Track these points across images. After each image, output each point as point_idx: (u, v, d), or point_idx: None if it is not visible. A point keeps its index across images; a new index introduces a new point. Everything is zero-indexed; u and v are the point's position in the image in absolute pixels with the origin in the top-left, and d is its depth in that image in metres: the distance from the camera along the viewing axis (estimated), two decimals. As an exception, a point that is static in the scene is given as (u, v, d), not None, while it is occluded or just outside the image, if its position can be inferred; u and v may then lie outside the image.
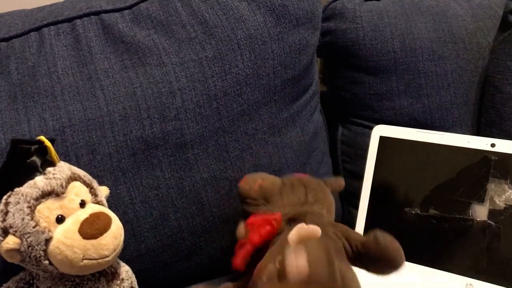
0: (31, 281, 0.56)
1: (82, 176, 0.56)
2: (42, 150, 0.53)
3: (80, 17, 0.70)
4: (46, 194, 0.51)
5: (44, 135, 0.54)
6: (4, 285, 0.57)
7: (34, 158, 0.52)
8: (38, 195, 0.51)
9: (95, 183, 0.57)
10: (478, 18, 0.87)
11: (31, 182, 0.51)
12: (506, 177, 0.65)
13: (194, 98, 0.68)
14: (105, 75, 0.67)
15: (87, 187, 0.56)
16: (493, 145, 0.66)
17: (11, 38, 0.68)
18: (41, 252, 0.50)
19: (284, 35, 0.73)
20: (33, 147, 0.52)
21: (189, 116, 0.68)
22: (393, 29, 0.84)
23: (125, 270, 0.60)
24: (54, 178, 0.52)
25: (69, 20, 0.70)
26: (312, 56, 0.79)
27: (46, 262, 0.51)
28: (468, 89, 0.85)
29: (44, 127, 0.63)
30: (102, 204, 0.57)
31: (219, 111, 0.69)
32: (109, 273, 0.58)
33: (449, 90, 0.84)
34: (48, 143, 0.53)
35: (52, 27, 0.69)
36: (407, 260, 0.65)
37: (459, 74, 0.84)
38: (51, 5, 0.74)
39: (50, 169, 0.53)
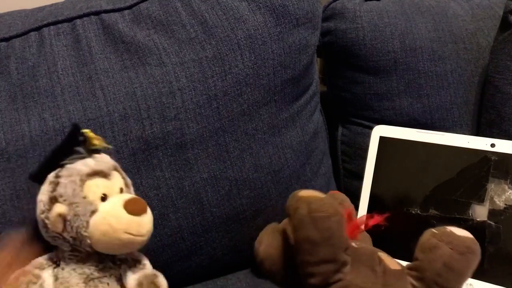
0: (57, 262, 0.58)
1: (121, 170, 0.61)
2: (85, 142, 0.58)
3: (80, 17, 0.70)
4: (96, 173, 0.56)
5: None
6: (36, 259, 0.58)
7: (81, 146, 0.57)
8: (89, 172, 0.56)
9: (128, 180, 0.62)
10: (478, 18, 0.87)
11: (82, 161, 0.57)
12: (506, 177, 0.65)
13: (194, 98, 0.68)
14: (105, 75, 0.67)
15: (123, 179, 0.60)
16: (493, 145, 0.66)
17: (11, 38, 0.68)
18: (85, 222, 0.54)
19: (284, 35, 0.73)
20: (81, 138, 0.57)
21: (189, 116, 0.68)
22: (393, 29, 0.84)
23: (145, 258, 0.62)
24: (102, 161, 0.58)
25: (69, 20, 0.70)
26: (312, 56, 0.79)
27: (86, 234, 0.54)
28: (468, 89, 0.85)
29: (44, 127, 0.63)
30: None
31: (219, 111, 0.69)
32: (130, 260, 0.60)
33: (449, 90, 0.84)
34: (92, 135, 0.58)
35: (52, 27, 0.69)
36: (407, 260, 0.65)
37: (459, 74, 0.84)
38: (51, 5, 0.74)
39: (97, 155, 0.58)
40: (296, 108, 0.77)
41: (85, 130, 0.57)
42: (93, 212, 0.54)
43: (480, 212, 0.65)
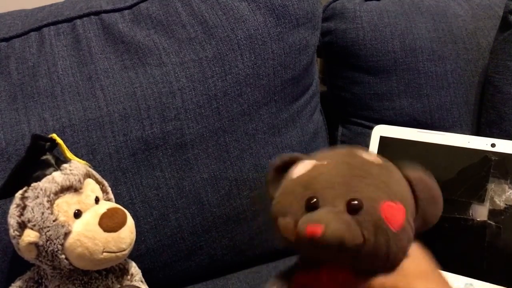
0: (39, 280, 0.57)
1: (95, 174, 0.58)
2: (52, 148, 0.54)
3: (80, 17, 0.70)
4: (65, 189, 0.52)
5: (45, 135, 0.55)
6: (13, 284, 0.57)
7: (48, 154, 0.54)
8: (57, 189, 0.52)
9: (105, 181, 0.59)
10: (478, 18, 0.87)
11: (49, 177, 0.52)
12: (506, 177, 0.64)
13: (194, 98, 0.68)
14: (105, 75, 0.67)
15: (98, 184, 0.57)
16: (493, 145, 0.66)
17: (11, 38, 0.68)
18: (59, 246, 0.51)
19: (284, 35, 0.73)
20: (46, 144, 0.54)
21: (189, 116, 0.68)
22: (393, 29, 0.84)
23: (133, 266, 0.62)
24: (71, 173, 0.53)
25: (69, 20, 0.70)
26: (312, 56, 0.79)
27: (63, 256, 0.51)
28: (468, 89, 0.85)
29: (44, 127, 0.63)
30: (112, 201, 0.59)
31: (219, 111, 0.69)
32: (118, 270, 0.59)
33: (449, 90, 0.84)
34: (60, 141, 0.55)
35: (52, 27, 0.69)
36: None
37: (459, 74, 0.84)
38: (51, 5, 0.74)
39: (66, 165, 0.54)
40: (296, 108, 0.77)
41: (53, 136, 0.55)
42: (67, 234, 0.51)
43: (480, 212, 0.65)
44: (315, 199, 0.45)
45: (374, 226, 0.43)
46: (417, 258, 0.48)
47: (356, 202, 0.43)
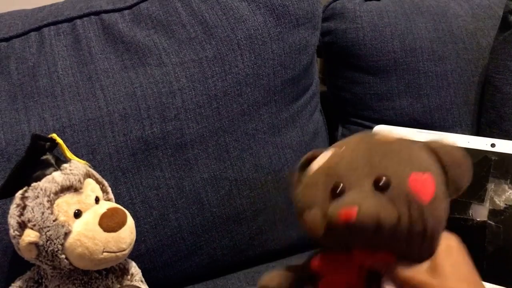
0: (39, 280, 0.57)
1: (95, 174, 0.58)
2: (52, 148, 0.55)
3: (80, 17, 0.70)
4: (65, 189, 0.52)
5: (45, 135, 0.55)
6: (13, 284, 0.57)
7: (48, 154, 0.54)
8: (57, 189, 0.52)
9: (105, 181, 0.59)
10: (478, 18, 0.87)
11: (49, 177, 0.52)
12: (506, 177, 0.64)
13: (194, 98, 0.68)
14: (105, 75, 0.67)
15: (99, 184, 0.57)
16: (493, 145, 0.66)
17: (11, 38, 0.68)
18: (59, 246, 0.51)
19: (284, 35, 0.73)
20: (46, 144, 0.54)
21: (189, 116, 0.68)
22: (393, 29, 0.84)
23: (133, 265, 0.62)
24: (71, 173, 0.53)
25: (69, 20, 0.70)
26: (312, 56, 0.79)
27: (63, 256, 0.52)
28: (468, 89, 0.85)
29: (44, 127, 0.63)
30: (112, 201, 0.59)
31: (219, 111, 0.69)
32: (118, 270, 0.59)
33: (449, 90, 0.84)
34: (60, 141, 0.55)
35: (52, 27, 0.69)
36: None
37: (459, 74, 0.84)
38: (51, 5, 0.74)
39: (66, 165, 0.54)
40: (296, 108, 0.77)
41: (53, 135, 0.55)
42: (67, 234, 0.51)
43: (480, 212, 0.65)
44: (341, 185, 0.43)
45: (406, 201, 0.42)
46: (455, 257, 0.46)
47: (383, 179, 0.42)
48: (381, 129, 0.73)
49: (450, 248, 0.46)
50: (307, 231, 0.45)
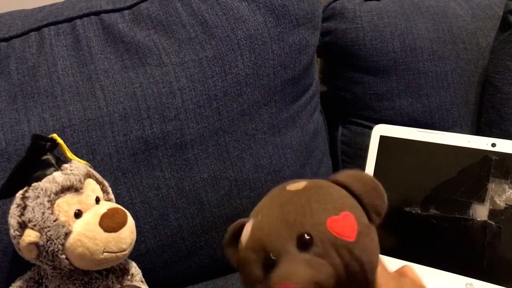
0: (40, 280, 0.57)
1: (95, 174, 0.58)
2: (53, 148, 0.54)
3: (80, 17, 0.70)
4: (65, 189, 0.52)
5: (45, 135, 0.55)
6: (13, 284, 0.57)
7: (48, 155, 0.54)
8: (58, 189, 0.52)
9: (105, 181, 0.59)
10: (478, 18, 0.87)
11: (49, 177, 0.52)
12: (507, 177, 0.64)
13: (194, 98, 0.68)
14: (105, 75, 0.67)
15: (99, 184, 0.57)
16: (493, 144, 0.66)
17: (11, 38, 0.68)
18: (60, 246, 0.51)
19: (284, 35, 0.73)
20: (47, 144, 0.53)
21: (189, 116, 0.68)
22: (393, 29, 0.84)
23: (133, 266, 0.62)
24: (72, 173, 0.53)
25: (69, 20, 0.70)
26: (312, 56, 0.79)
27: (63, 256, 0.51)
28: (468, 89, 0.85)
29: (44, 127, 0.63)
30: (112, 201, 0.59)
31: (219, 111, 0.69)
32: (118, 270, 0.59)
33: (449, 90, 0.84)
34: (60, 141, 0.55)
35: (52, 27, 0.69)
36: (407, 260, 0.65)
37: (459, 74, 0.84)
38: (51, 5, 0.74)
39: (66, 165, 0.54)
40: (296, 108, 0.77)
41: (54, 135, 0.55)
42: (67, 234, 0.51)
43: (480, 212, 0.65)
44: (271, 258, 0.43)
45: (333, 248, 0.42)
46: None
47: (305, 236, 0.42)
48: (381, 129, 0.73)
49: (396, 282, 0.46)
50: None
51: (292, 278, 0.40)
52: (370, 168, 0.73)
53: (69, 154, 0.56)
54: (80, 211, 0.53)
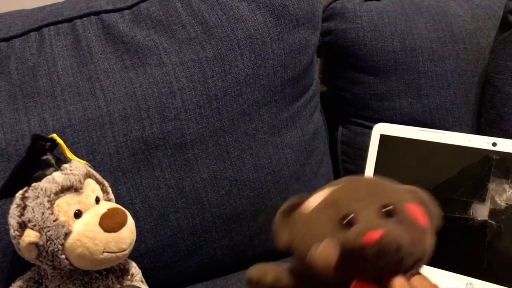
0: (40, 280, 0.57)
1: (95, 174, 0.58)
2: (53, 148, 0.55)
3: (80, 17, 0.70)
4: (65, 189, 0.52)
5: (45, 135, 0.55)
6: (13, 284, 0.57)
7: (48, 155, 0.54)
8: (57, 189, 0.52)
9: (105, 181, 0.59)
10: (478, 18, 0.87)
11: (49, 177, 0.52)
12: (507, 176, 0.64)
13: (194, 98, 0.68)
14: (105, 75, 0.67)
15: (99, 184, 0.57)
16: (494, 144, 0.66)
17: (11, 38, 0.68)
18: (59, 246, 0.51)
19: (284, 35, 0.73)
20: (47, 144, 0.54)
21: (189, 116, 0.68)
22: (393, 29, 0.84)
23: (133, 266, 0.62)
24: (72, 174, 0.53)
25: (69, 20, 0.70)
26: (312, 56, 0.79)
27: (63, 256, 0.51)
28: (468, 89, 0.85)
29: (44, 127, 0.63)
30: (112, 201, 0.59)
31: (219, 111, 0.69)
32: (118, 270, 0.59)
33: (449, 90, 0.84)
34: (60, 141, 0.55)
35: (52, 27, 0.69)
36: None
37: (459, 74, 0.84)
38: (51, 5, 0.74)
39: (66, 165, 0.54)
40: (296, 108, 0.77)
41: (53, 136, 0.55)
42: (67, 234, 0.51)
43: (481, 212, 0.65)
44: (352, 214, 0.44)
45: (408, 225, 0.44)
46: None
47: (390, 206, 0.44)
48: (381, 128, 0.73)
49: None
50: (312, 267, 0.44)
51: (382, 229, 0.41)
52: (370, 167, 0.73)
53: (68, 154, 0.56)
54: (80, 211, 0.53)
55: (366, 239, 0.41)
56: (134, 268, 0.62)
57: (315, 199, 0.48)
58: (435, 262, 0.65)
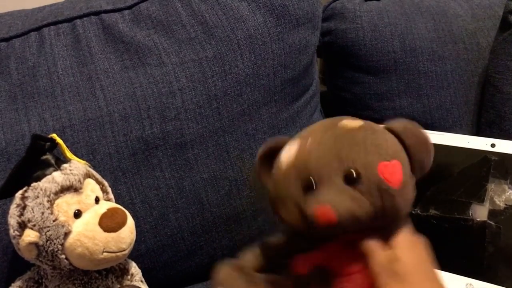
0: (39, 280, 0.57)
1: (95, 174, 0.58)
2: (52, 148, 0.54)
3: (80, 17, 0.70)
4: (65, 189, 0.52)
5: (45, 135, 0.55)
6: (13, 284, 0.57)
7: (48, 155, 0.54)
8: (57, 189, 0.52)
9: (105, 181, 0.59)
10: (478, 18, 0.87)
11: (49, 177, 0.52)
12: (506, 177, 0.64)
13: (194, 98, 0.68)
14: (105, 75, 0.67)
15: (99, 184, 0.57)
16: (493, 145, 0.66)
17: (11, 38, 0.68)
18: (59, 246, 0.51)
19: (284, 35, 0.73)
20: (46, 144, 0.54)
21: (189, 116, 0.68)
22: (393, 29, 0.84)
23: (133, 266, 0.62)
24: (71, 173, 0.53)
25: (69, 20, 0.70)
26: (312, 56, 0.79)
27: (63, 256, 0.51)
28: (468, 89, 0.85)
29: (44, 127, 0.63)
30: (112, 201, 0.59)
31: (219, 111, 0.69)
32: (118, 270, 0.59)
33: (449, 90, 0.84)
34: (60, 141, 0.55)
35: (52, 27, 0.69)
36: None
37: (459, 74, 0.84)
38: (51, 5, 0.74)
39: (65, 165, 0.54)
40: (296, 108, 0.77)
41: (53, 135, 0.55)
42: (67, 234, 0.51)
43: (480, 212, 0.65)
44: (313, 182, 0.44)
45: (378, 190, 0.43)
46: (417, 252, 0.47)
47: (353, 173, 0.43)
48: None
49: (412, 244, 0.47)
50: (282, 224, 0.47)
51: (335, 207, 0.42)
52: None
53: (68, 154, 0.56)
54: (80, 211, 0.53)
55: (317, 216, 0.43)
56: (134, 268, 0.62)
57: (288, 153, 0.48)
58: (435, 263, 0.66)
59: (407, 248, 0.46)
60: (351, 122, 0.49)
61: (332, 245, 0.47)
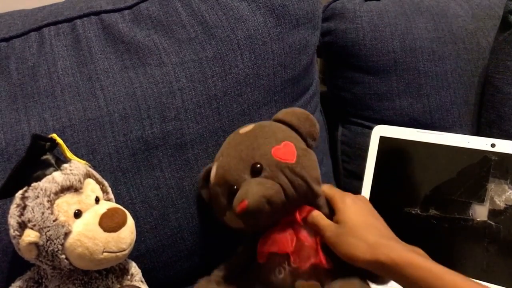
0: (40, 280, 0.57)
1: (95, 174, 0.58)
2: (52, 148, 0.54)
3: (80, 17, 0.70)
4: (65, 189, 0.52)
5: (45, 135, 0.55)
6: (13, 284, 0.57)
7: (48, 154, 0.54)
8: (57, 189, 0.52)
9: (105, 181, 0.59)
10: (478, 18, 0.87)
11: (49, 177, 0.52)
12: (506, 177, 0.65)
13: (194, 98, 0.68)
14: (105, 75, 0.67)
15: (99, 184, 0.57)
16: (493, 145, 0.66)
17: (11, 38, 0.68)
18: (59, 246, 0.51)
19: (284, 35, 0.73)
20: (46, 144, 0.53)
21: (189, 116, 0.68)
22: (393, 29, 0.84)
23: (133, 266, 0.62)
24: (72, 173, 0.53)
25: (69, 20, 0.70)
26: (312, 56, 0.79)
27: (63, 256, 0.51)
28: (468, 89, 0.85)
29: (44, 127, 0.63)
30: (112, 201, 0.59)
31: (219, 111, 0.69)
32: (118, 270, 0.59)
33: (449, 90, 0.84)
34: (60, 141, 0.55)
35: (52, 27, 0.69)
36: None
37: (459, 74, 0.84)
38: (51, 5, 0.74)
39: (66, 165, 0.54)
40: (296, 108, 0.77)
41: (53, 135, 0.55)
42: (67, 234, 0.51)
43: (480, 212, 0.65)
44: (234, 188, 0.55)
45: (280, 170, 0.54)
46: (358, 206, 0.57)
47: (256, 165, 0.54)
48: (381, 129, 0.74)
49: (354, 202, 0.57)
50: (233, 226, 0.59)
51: (246, 196, 0.52)
52: (370, 168, 0.73)
53: (68, 154, 0.56)
54: (80, 211, 0.53)
55: (239, 211, 0.52)
56: (134, 268, 0.62)
57: (212, 175, 0.60)
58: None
59: (348, 207, 0.55)
60: (244, 129, 0.60)
61: (275, 229, 0.56)
